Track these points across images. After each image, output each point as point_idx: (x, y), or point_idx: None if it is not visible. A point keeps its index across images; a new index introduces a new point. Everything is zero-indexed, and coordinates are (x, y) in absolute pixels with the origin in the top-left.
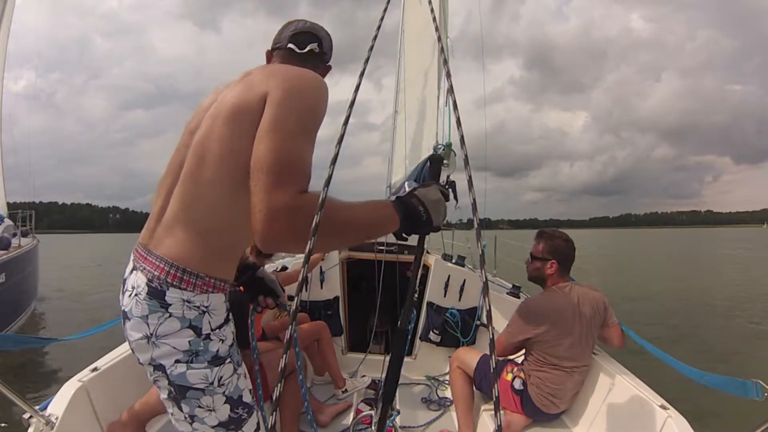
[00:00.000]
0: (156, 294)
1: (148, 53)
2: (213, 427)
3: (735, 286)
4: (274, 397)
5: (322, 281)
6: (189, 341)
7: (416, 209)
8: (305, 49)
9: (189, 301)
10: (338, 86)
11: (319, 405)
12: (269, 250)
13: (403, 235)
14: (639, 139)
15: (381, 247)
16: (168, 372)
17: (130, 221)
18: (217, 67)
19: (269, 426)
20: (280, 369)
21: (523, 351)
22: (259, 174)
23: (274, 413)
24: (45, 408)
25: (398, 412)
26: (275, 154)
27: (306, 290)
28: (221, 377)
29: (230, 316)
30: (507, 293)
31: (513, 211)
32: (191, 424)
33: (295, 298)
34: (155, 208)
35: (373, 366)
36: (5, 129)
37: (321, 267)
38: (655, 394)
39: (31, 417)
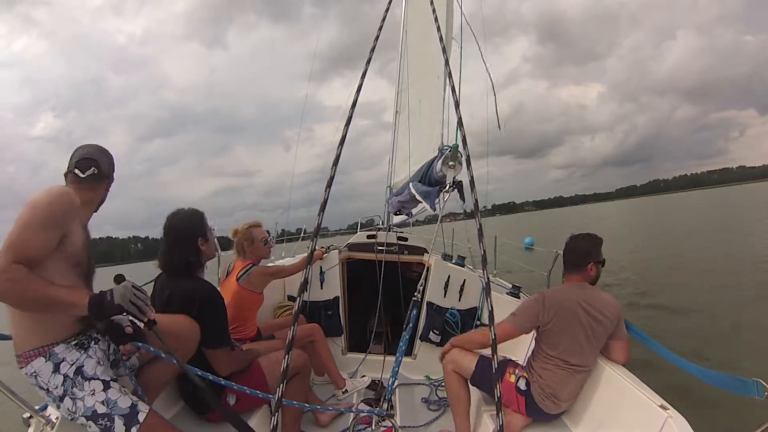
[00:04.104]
0: None
1: (160, 81)
2: None
3: None
4: (275, 399)
5: (322, 282)
6: None
7: (103, 296)
8: (86, 173)
9: None
10: (352, 86)
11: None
12: None
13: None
14: (658, 103)
15: (381, 248)
16: None
17: (150, 249)
18: (229, 83)
19: (271, 427)
20: (282, 370)
21: (527, 350)
22: None
23: (276, 414)
24: (45, 408)
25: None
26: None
27: (306, 291)
28: None
29: None
30: (507, 293)
31: (537, 191)
32: None
33: (297, 299)
34: None
35: (372, 366)
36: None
37: (321, 267)
38: (655, 394)
39: (31, 417)
